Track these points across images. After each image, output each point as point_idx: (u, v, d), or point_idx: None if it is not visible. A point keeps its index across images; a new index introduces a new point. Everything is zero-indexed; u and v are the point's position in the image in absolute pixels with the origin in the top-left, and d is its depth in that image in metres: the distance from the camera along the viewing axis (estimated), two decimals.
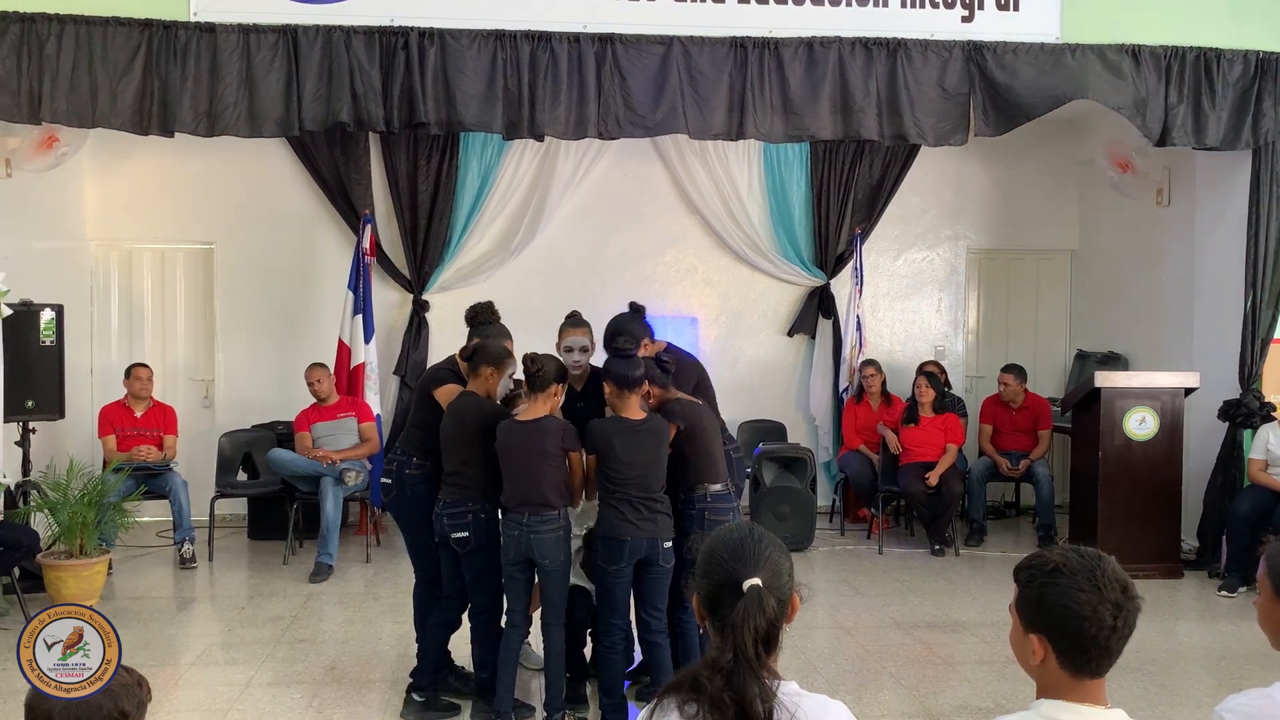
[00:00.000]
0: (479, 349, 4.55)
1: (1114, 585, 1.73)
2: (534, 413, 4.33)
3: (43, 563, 6.00)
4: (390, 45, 6.19)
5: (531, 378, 4.31)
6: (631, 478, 4.22)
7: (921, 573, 7.02)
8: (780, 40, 6.42)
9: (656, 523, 4.24)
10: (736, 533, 1.88)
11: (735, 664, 1.70)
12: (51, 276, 7.41)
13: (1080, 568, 1.74)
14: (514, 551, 4.28)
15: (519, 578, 4.35)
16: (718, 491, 4.42)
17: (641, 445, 4.25)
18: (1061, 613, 1.73)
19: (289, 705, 4.68)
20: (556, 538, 4.29)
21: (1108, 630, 1.72)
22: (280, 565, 7.07)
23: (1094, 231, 9.03)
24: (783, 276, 8.77)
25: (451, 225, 8.36)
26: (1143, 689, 4.88)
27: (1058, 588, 1.74)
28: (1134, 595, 1.75)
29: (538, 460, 4.26)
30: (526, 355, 4.42)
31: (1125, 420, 6.82)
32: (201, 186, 8.26)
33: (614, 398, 4.31)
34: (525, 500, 4.26)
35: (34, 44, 5.98)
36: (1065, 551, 1.79)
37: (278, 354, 8.31)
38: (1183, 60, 6.63)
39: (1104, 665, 1.75)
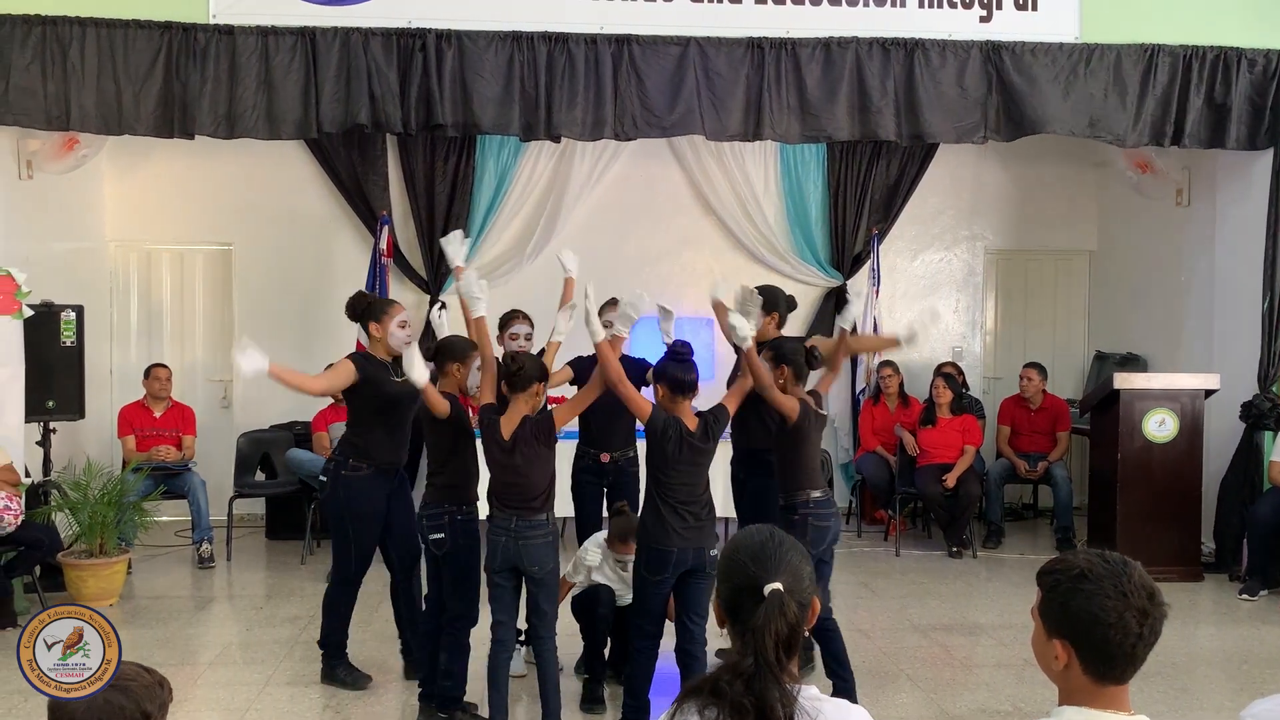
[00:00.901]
0: (441, 348, 4.47)
1: (1140, 592, 1.71)
2: (515, 413, 4.12)
3: (63, 562, 6.04)
4: (408, 47, 6.22)
5: (511, 377, 4.12)
6: (679, 485, 4.08)
7: (939, 575, 6.99)
8: (797, 41, 6.42)
9: (702, 531, 4.10)
10: (757, 536, 1.87)
11: (756, 668, 1.69)
12: (72, 277, 7.46)
13: (1106, 573, 1.72)
14: (500, 559, 4.09)
15: (505, 585, 4.14)
16: (819, 498, 4.37)
17: (697, 453, 4.10)
18: (1086, 619, 1.71)
19: (307, 705, 4.69)
20: (546, 543, 4.10)
21: (1133, 638, 1.69)
22: (298, 565, 7.10)
23: (1113, 232, 8.97)
24: (799, 277, 8.74)
25: (468, 226, 8.36)
26: (1163, 693, 4.85)
27: (1083, 593, 1.71)
28: (1160, 602, 1.73)
29: (521, 463, 4.07)
30: (506, 354, 4.36)
31: (1144, 422, 6.77)
32: (220, 188, 8.30)
33: (666, 400, 4.16)
34: (511, 504, 4.09)
35: (57, 49, 6.04)
36: (1090, 556, 1.76)
37: (296, 355, 8.28)
38: (1202, 59, 6.59)
39: (1129, 672, 1.73)
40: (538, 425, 4.12)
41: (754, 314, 4.35)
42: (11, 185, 6.79)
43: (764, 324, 4.79)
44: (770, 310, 4.88)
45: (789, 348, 4.52)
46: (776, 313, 4.97)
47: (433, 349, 4.49)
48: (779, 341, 4.63)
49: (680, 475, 4.08)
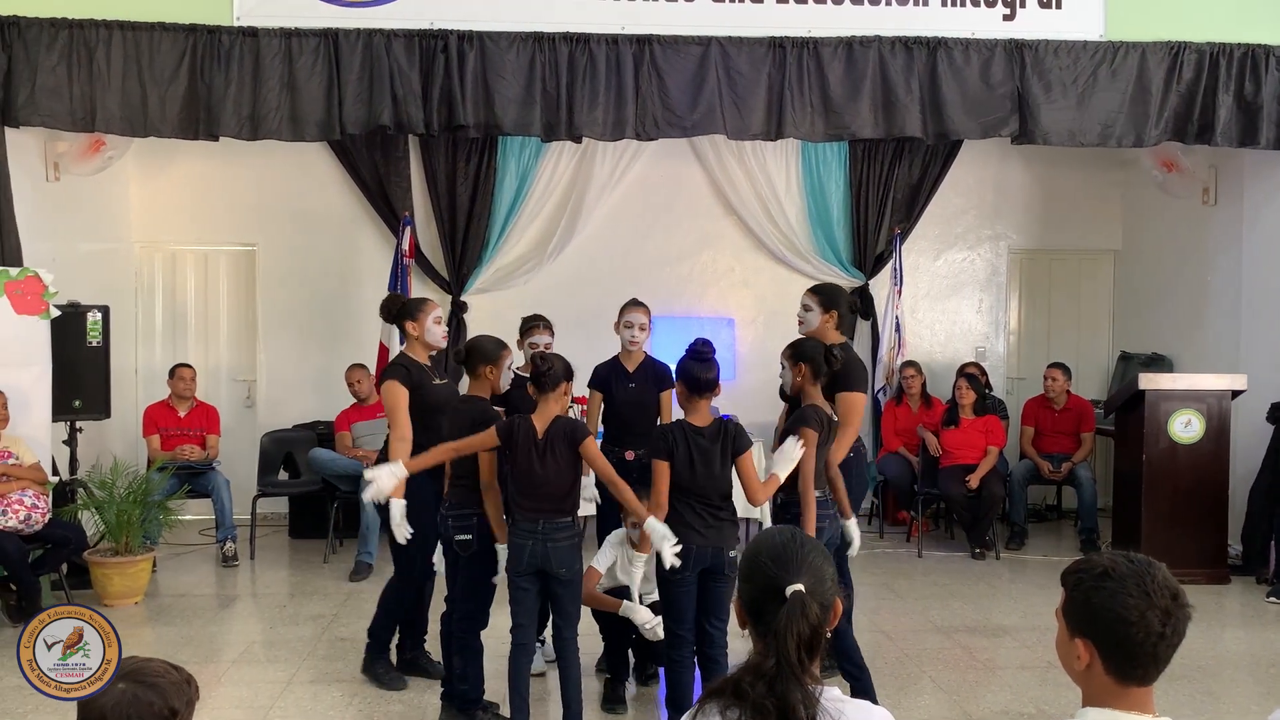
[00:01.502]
0: (472, 350, 4.42)
1: (1164, 592, 1.69)
2: (544, 414, 4.08)
3: (89, 560, 6.10)
4: (430, 48, 6.24)
5: (540, 377, 4.09)
6: (694, 485, 4.04)
7: (961, 576, 6.96)
8: (820, 40, 6.40)
9: (721, 531, 4.06)
10: (779, 538, 1.87)
11: (778, 669, 1.69)
12: (98, 278, 7.53)
13: (1129, 573, 1.71)
14: (526, 561, 4.04)
15: (529, 589, 4.09)
16: (817, 498, 4.32)
17: (705, 452, 4.05)
18: (1109, 618, 1.70)
19: (330, 703, 4.71)
20: (572, 544, 4.07)
21: (1156, 637, 1.68)
22: (321, 564, 7.14)
23: (1138, 231, 8.90)
24: (821, 277, 8.66)
25: (490, 226, 8.40)
26: (1189, 696, 4.80)
27: (1105, 592, 1.71)
28: (1184, 603, 1.72)
29: (551, 464, 4.03)
30: (535, 354, 4.31)
31: (1170, 423, 6.71)
32: (244, 189, 8.36)
33: (683, 400, 4.12)
34: (539, 507, 4.05)
35: (83, 52, 6.10)
36: (1115, 556, 1.75)
37: (318, 354, 8.39)
38: (1230, 57, 6.52)
39: (1152, 673, 1.72)
40: (567, 426, 4.10)
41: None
42: (39, 187, 6.86)
43: (822, 321, 4.83)
44: (829, 309, 4.86)
45: (808, 346, 4.50)
46: (835, 311, 4.90)
47: (463, 351, 4.46)
48: (799, 341, 4.62)
49: (693, 475, 4.03)
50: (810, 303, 4.88)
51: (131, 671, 1.89)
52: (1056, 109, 6.49)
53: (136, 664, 1.92)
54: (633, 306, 5.54)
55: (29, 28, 6.07)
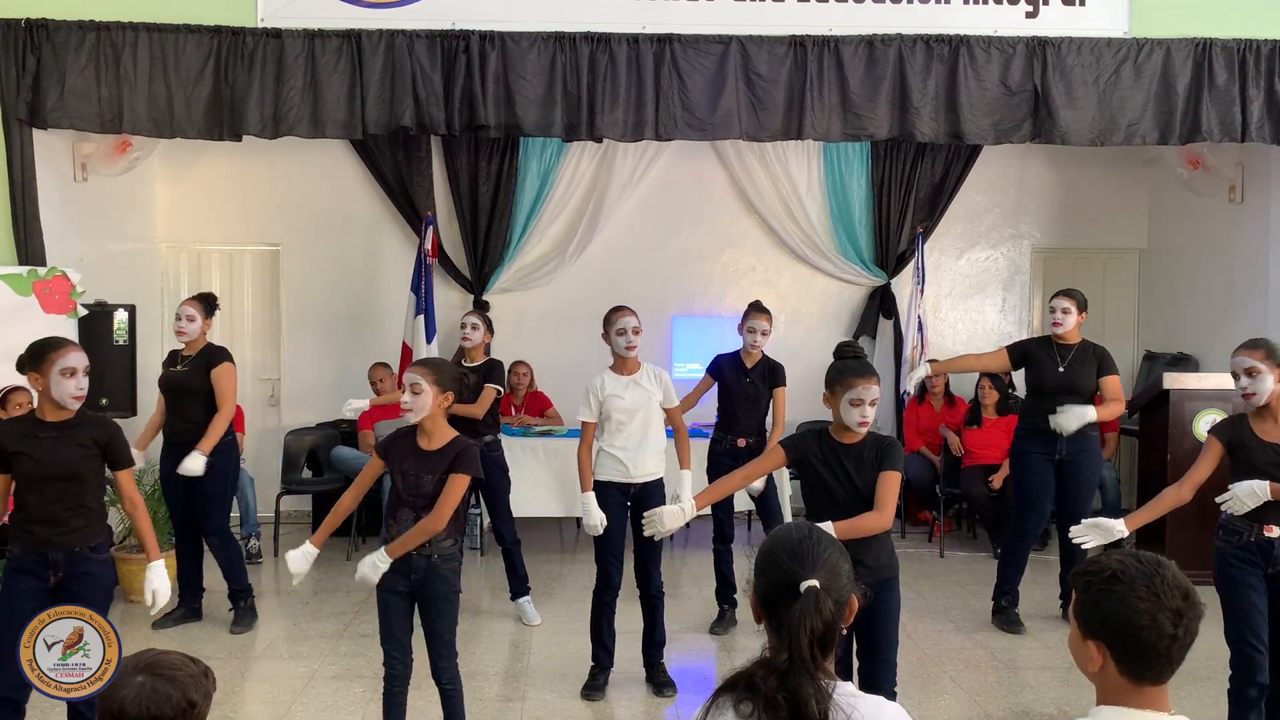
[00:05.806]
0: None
1: (1174, 592, 1.68)
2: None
3: (114, 556, 6.14)
4: (451, 49, 6.27)
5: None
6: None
7: (983, 576, 6.91)
8: (840, 39, 6.38)
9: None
10: (795, 533, 1.87)
11: (790, 664, 1.70)
12: (124, 277, 7.59)
13: (1139, 574, 1.70)
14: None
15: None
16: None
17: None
18: (1119, 621, 1.69)
19: (352, 699, 4.75)
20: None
21: (1168, 639, 1.67)
22: (343, 561, 7.18)
23: (1163, 229, 8.82)
24: (843, 276, 8.70)
25: (511, 226, 8.43)
26: (1214, 697, 4.74)
27: (1115, 595, 1.70)
28: (1196, 602, 1.70)
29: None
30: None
31: (1195, 423, 6.65)
32: (268, 190, 8.43)
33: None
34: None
35: (110, 54, 6.16)
36: (1124, 557, 1.74)
37: (342, 354, 8.45)
38: (1257, 53, 6.46)
39: (1165, 673, 1.71)
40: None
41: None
42: (67, 187, 6.93)
43: (1077, 321, 5.81)
44: (1083, 310, 5.84)
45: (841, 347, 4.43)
46: (1085, 313, 5.87)
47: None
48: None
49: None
50: (1069, 305, 5.76)
51: (149, 664, 1.89)
52: (1077, 108, 6.45)
53: (154, 656, 1.92)
54: (756, 312, 5.87)
55: (57, 30, 6.14)
